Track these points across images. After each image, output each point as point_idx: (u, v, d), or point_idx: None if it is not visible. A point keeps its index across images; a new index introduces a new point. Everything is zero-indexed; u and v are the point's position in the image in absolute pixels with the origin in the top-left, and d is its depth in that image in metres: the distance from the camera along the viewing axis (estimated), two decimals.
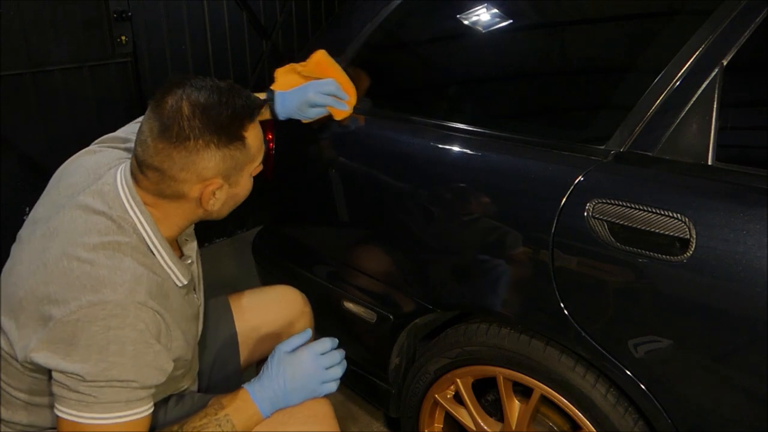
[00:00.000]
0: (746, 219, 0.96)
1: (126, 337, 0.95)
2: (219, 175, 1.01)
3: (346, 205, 1.58)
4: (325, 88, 1.45)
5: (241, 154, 1.02)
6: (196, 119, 0.96)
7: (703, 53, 1.09)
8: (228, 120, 0.98)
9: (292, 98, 1.44)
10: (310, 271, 1.71)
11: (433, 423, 1.55)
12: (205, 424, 1.05)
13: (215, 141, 0.98)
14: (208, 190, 1.02)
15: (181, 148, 0.97)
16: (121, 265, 0.98)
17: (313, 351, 1.13)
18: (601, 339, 1.13)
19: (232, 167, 1.02)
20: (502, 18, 1.54)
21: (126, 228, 1.02)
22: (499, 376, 1.34)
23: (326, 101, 1.45)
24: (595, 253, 1.10)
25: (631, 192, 1.07)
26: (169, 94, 0.98)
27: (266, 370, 1.12)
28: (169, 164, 0.98)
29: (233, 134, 1.00)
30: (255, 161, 1.08)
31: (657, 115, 1.12)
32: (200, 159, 0.98)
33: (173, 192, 1.02)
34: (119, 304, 0.95)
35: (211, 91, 0.99)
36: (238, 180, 1.06)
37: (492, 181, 1.28)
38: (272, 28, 3.27)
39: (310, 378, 1.12)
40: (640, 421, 1.17)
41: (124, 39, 2.64)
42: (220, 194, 1.05)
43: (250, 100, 1.03)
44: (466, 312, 1.43)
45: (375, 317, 1.53)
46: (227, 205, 1.10)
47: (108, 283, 0.95)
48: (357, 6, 1.75)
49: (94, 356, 0.93)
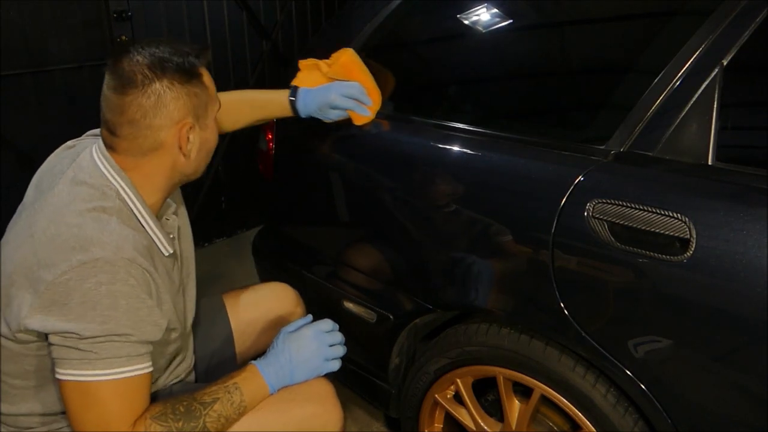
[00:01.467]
0: (746, 219, 0.96)
1: (118, 291, 0.97)
2: (189, 114, 1.06)
3: (345, 205, 1.58)
4: (349, 91, 1.43)
5: (202, 92, 1.07)
6: (155, 66, 1.02)
7: (703, 53, 1.09)
8: (183, 63, 1.04)
9: (314, 97, 1.43)
10: (310, 271, 1.71)
11: (433, 423, 1.55)
12: (214, 391, 1.08)
13: (177, 79, 1.03)
14: (183, 132, 1.06)
15: (149, 93, 1.01)
16: (107, 226, 1.00)
17: (316, 328, 1.19)
18: (601, 339, 1.13)
19: (198, 105, 1.07)
20: (502, 18, 1.54)
21: (109, 194, 1.04)
22: (499, 376, 1.34)
23: (348, 105, 1.43)
24: (595, 253, 1.10)
25: (632, 192, 1.07)
26: (121, 56, 1.03)
27: (272, 348, 1.17)
28: (141, 113, 1.02)
29: (192, 72, 1.05)
30: (215, 101, 1.12)
31: (657, 115, 1.12)
32: (169, 99, 1.03)
33: (151, 144, 1.05)
34: (108, 261, 0.97)
35: (156, 47, 1.05)
36: (207, 122, 1.10)
37: (492, 181, 1.28)
38: (272, 28, 3.27)
39: (315, 353, 1.16)
40: (640, 421, 1.17)
41: (124, 39, 2.64)
42: (193, 137, 1.08)
43: (192, 48, 1.08)
44: (466, 312, 1.42)
45: (375, 317, 1.53)
46: (201, 154, 1.12)
47: (96, 242, 0.98)
48: (357, 6, 1.75)
49: (89, 312, 0.95)
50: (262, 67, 3.25)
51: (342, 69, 1.46)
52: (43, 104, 2.47)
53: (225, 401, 1.07)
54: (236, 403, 1.08)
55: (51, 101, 2.49)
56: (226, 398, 1.07)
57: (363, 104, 1.45)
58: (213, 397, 1.07)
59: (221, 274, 2.89)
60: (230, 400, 1.08)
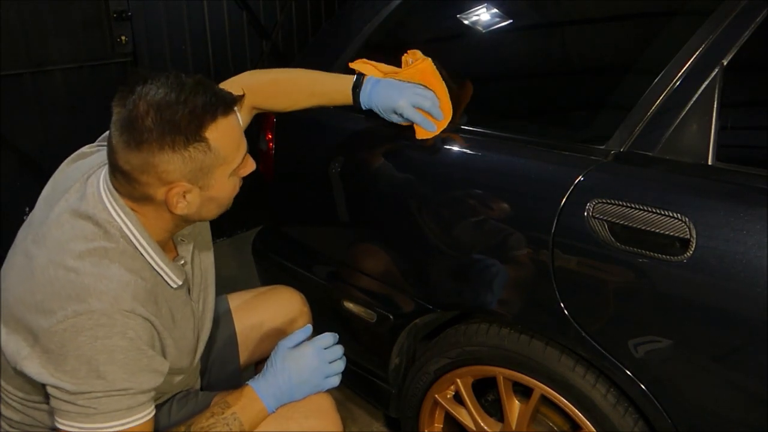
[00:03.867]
0: (746, 219, 0.96)
1: (115, 345, 0.94)
2: (183, 179, 0.95)
3: (345, 205, 1.58)
4: (421, 102, 1.27)
5: (205, 156, 0.95)
6: (149, 119, 0.90)
7: (703, 53, 1.09)
8: (185, 120, 0.91)
9: (380, 96, 1.29)
10: (310, 271, 1.71)
11: (433, 423, 1.55)
12: (212, 424, 1.05)
13: (170, 142, 0.91)
14: (172, 194, 0.96)
15: (137, 151, 0.91)
16: (106, 272, 0.95)
17: (316, 346, 1.14)
18: (601, 339, 1.13)
19: (196, 170, 0.95)
20: (502, 18, 1.54)
21: (112, 232, 0.99)
22: (499, 376, 1.34)
23: (415, 119, 1.28)
24: (595, 253, 1.10)
25: (632, 192, 1.07)
26: (129, 92, 0.93)
27: (270, 367, 1.12)
28: (129, 167, 0.94)
29: (191, 135, 0.92)
30: (229, 162, 0.99)
31: (657, 115, 1.12)
32: (158, 162, 0.92)
33: (141, 195, 0.98)
34: (105, 313, 0.93)
35: (170, 89, 0.92)
36: (211, 183, 0.99)
37: (492, 180, 1.28)
38: (272, 28, 3.27)
39: (315, 372, 1.12)
40: (640, 421, 1.17)
41: (124, 39, 2.64)
42: (191, 197, 0.99)
43: (215, 97, 0.95)
44: (466, 312, 1.42)
45: (375, 317, 1.53)
46: (208, 209, 1.04)
47: (93, 292, 0.93)
48: (357, 6, 1.75)
49: (83, 368, 0.93)
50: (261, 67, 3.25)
51: (418, 74, 1.31)
52: (43, 104, 2.47)
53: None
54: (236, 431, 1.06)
55: (51, 101, 2.49)
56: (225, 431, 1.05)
57: (432, 119, 1.29)
58: None
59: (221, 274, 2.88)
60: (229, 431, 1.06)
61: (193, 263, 1.18)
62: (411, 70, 1.31)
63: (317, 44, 1.91)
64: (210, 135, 0.94)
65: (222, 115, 0.95)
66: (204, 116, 0.93)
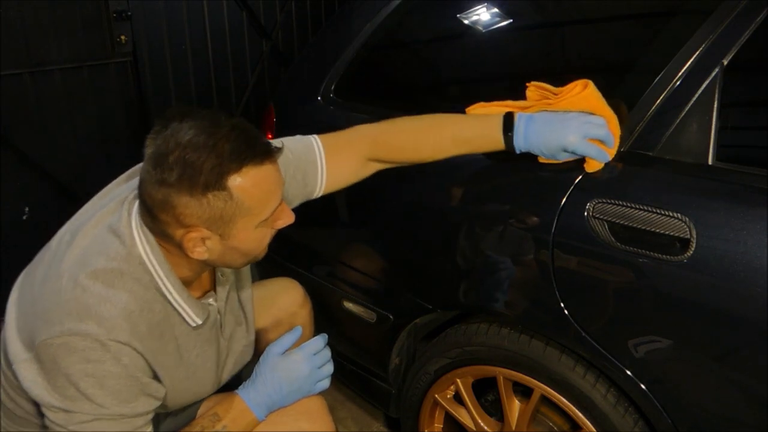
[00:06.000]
0: (746, 219, 0.96)
1: (107, 371, 0.92)
2: (201, 224, 0.91)
3: (345, 205, 1.58)
4: (594, 132, 1.08)
5: (226, 205, 0.90)
6: (173, 158, 0.87)
7: (703, 53, 1.09)
8: (208, 165, 0.87)
9: (542, 134, 1.11)
10: (310, 271, 1.71)
11: (433, 423, 1.55)
12: None
13: (188, 186, 0.88)
14: (188, 237, 0.93)
15: (159, 187, 0.89)
16: (113, 297, 0.93)
17: (306, 352, 1.12)
18: (601, 339, 1.13)
19: (216, 218, 0.91)
20: (502, 18, 1.54)
21: (134, 255, 0.96)
22: (499, 376, 1.34)
23: (589, 152, 1.09)
24: (596, 253, 1.10)
25: (632, 192, 1.07)
26: (163, 126, 0.90)
27: (260, 375, 1.10)
28: (151, 202, 0.91)
29: (211, 182, 0.88)
30: (254, 215, 0.94)
31: (657, 115, 1.11)
32: (176, 203, 0.89)
33: (161, 232, 0.95)
34: (98, 339, 0.91)
35: (201, 130, 0.88)
36: (232, 233, 0.94)
37: (492, 180, 1.28)
38: (272, 28, 3.27)
39: (306, 380, 1.11)
40: (640, 421, 1.17)
41: (124, 39, 2.64)
42: (212, 245, 0.95)
43: (246, 145, 0.90)
44: (466, 312, 1.42)
45: (375, 317, 1.53)
46: (231, 257, 0.99)
47: (93, 315, 0.91)
48: (357, 6, 1.75)
49: (71, 389, 0.92)
50: (262, 67, 3.25)
51: (582, 102, 1.13)
52: (43, 104, 2.47)
53: None
54: None
55: (51, 101, 2.49)
56: None
57: (604, 147, 1.10)
58: None
59: None
60: None
61: (229, 300, 1.15)
62: (572, 99, 1.13)
63: (317, 44, 1.91)
64: (233, 184, 0.89)
65: (250, 165, 0.90)
66: (229, 165, 0.89)
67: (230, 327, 1.17)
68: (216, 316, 1.11)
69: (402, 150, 1.21)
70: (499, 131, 1.13)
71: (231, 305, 1.16)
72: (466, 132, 1.18)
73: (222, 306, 1.13)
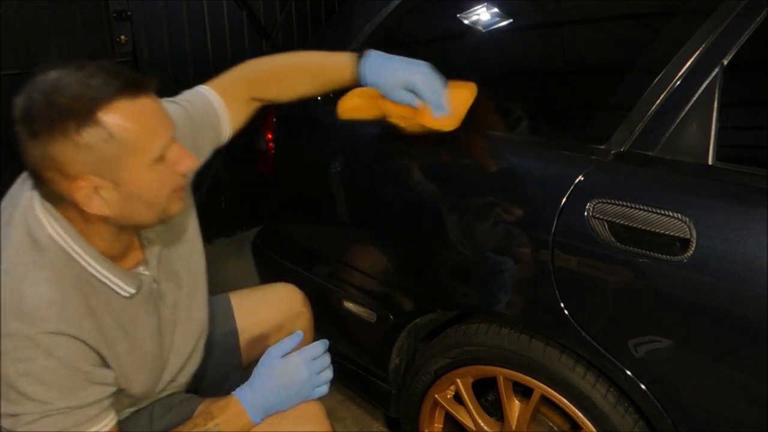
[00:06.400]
0: (746, 219, 0.96)
1: (41, 367, 0.88)
2: (87, 171, 0.84)
3: (345, 205, 1.58)
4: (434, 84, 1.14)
5: (106, 144, 0.84)
6: (40, 107, 0.82)
7: (703, 53, 1.09)
8: (77, 104, 0.82)
9: (390, 66, 1.15)
10: (310, 271, 1.71)
11: (433, 423, 1.55)
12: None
13: (60, 129, 0.82)
14: (78, 188, 0.86)
15: (34, 143, 0.83)
16: (30, 291, 0.88)
17: (306, 357, 1.09)
18: (601, 339, 1.13)
19: (100, 160, 0.84)
20: (502, 18, 1.54)
21: (42, 241, 0.91)
22: (499, 376, 1.34)
23: (427, 96, 1.12)
24: (596, 253, 1.10)
25: (632, 192, 1.07)
26: (23, 87, 0.85)
27: (258, 378, 1.08)
28: (32, 163, 0.85)
29: (83, 120, 0.82)
30: (141, 151, 0.87)
31: (657, 115, 1.12)
32: (54, 153, 0.83)
33: (53, 194, 0.88)
34: (26, 336, 0.87)
35: (65, 74, 0.83)
36: (124, 177, 0.87)
37: (492, 180, 1.28)
38: (272, 28, 3.27)
39: (304, 384, 1.09)
40: (640, 421, 1.17)
41: (124, 39, 2.64)
42: (107, 195, 0.88)
43: (116, 79, 0.85)
44: (466, 312, 1.42)
45: (375, 317, 1.53)
46: (135, 209, 0.91)
47: (14, 313, 0.87)
48: (357, 6, 1.75)
49: (12, 391, 0.88)
50: None
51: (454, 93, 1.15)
52: None
53: None
54: None
55: None
56: None
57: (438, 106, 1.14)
58: None
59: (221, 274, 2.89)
60: None
61: (162, 264, 1.09)
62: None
63: (317, 44, 1.91)
64: (107, 119, 0.83)
65: (123, 98, 0.84)
66: (97, 98, 0.83)
67: (172, 295, 1.12)
68: (152, 286, 1.06)
69: (272, 86, 1.24)
70: (351, 63, 1.18)
71: (166, 270, 1.10)
72: (323, 64, 1.23)
73: (156, 273, 1.07)
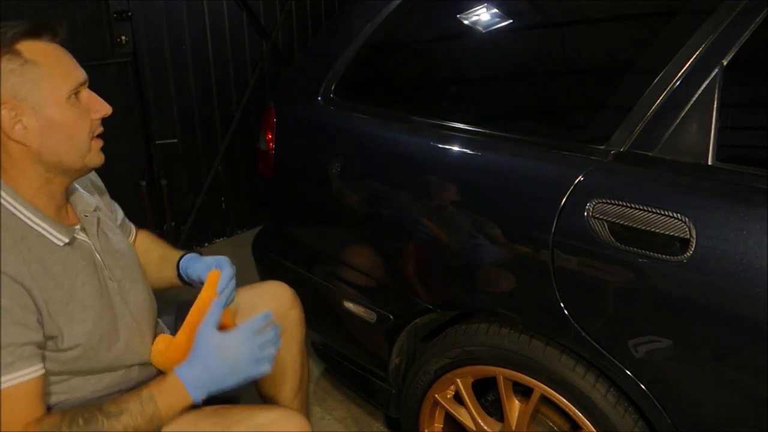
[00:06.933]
0: (746, 219, 0.96)
1: None
2: (9, 96, 0.95)
3: (346, 205, 1.58)
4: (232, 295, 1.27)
5: (22, 68, 0.97)
6: None
7: (703, 53, 1.09)
8: None
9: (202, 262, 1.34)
10: (310, 271, 1.71)
11: (433, 423, 1.55)
12: (125, 400, 1.00)
13: None
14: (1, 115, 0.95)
15: None
16: None
17: (246, 331, 1.06)
18: (601, 339, 1.13)
19: (18, 84, 0.96)
20: (502, 18, 1.54)
21: None
22: (499, 376, 1.34)
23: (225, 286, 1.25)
24: (595, 253, 1.10)
25: (631, 192, 1.07)
26: None
27: (196, 351, 1.05)
28: None
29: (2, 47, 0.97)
30: (56, 77, 1.00)
31: (657, 115, 1.12)
32: None
33: None
34: None
35: None
36: (41, 101, 0.98)
37: (492, 181, 1.28)
38: (272, 28, 3.27)
39: (245, 359, 1.05)
40: (640, 421, 1.17)
41: (124, 39, 2.64)
42: (29, 122, 0.98)
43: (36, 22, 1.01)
44: (466, 312, 1.42)
45: (375, 317, 1.53)
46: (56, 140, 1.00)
47: None
48: (357, 6, 1.75)
49: None
50: (262, 67, 3.25)
51: None
52: None
53: (135, 413, 0.98)
54: (148, 414, 0.99)
55: None
56: (136, 410, 0.99)
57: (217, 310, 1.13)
58: (121, 408, 0.98)
59: None
60: (141, 411, 0.99)
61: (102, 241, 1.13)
62: None
63: (317, 44, 1.91)
64: (25, 49, 0.99)
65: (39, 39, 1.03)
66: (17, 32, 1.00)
67: (119, 271, 1.14)
68: (91, 252, 1.10)
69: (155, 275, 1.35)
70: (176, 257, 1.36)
71: (107, 247, 1.14)
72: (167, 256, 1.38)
73: (97, 244, 1.11)
